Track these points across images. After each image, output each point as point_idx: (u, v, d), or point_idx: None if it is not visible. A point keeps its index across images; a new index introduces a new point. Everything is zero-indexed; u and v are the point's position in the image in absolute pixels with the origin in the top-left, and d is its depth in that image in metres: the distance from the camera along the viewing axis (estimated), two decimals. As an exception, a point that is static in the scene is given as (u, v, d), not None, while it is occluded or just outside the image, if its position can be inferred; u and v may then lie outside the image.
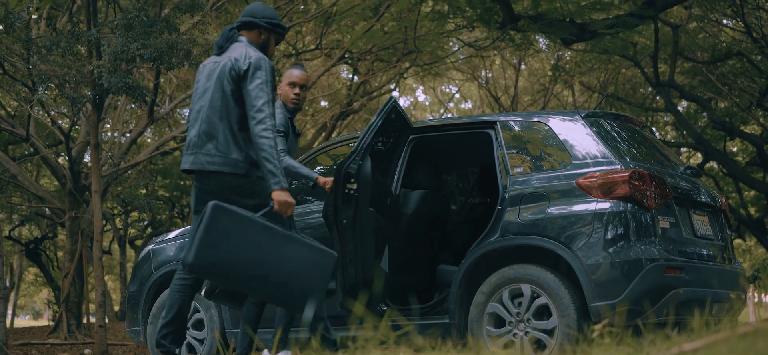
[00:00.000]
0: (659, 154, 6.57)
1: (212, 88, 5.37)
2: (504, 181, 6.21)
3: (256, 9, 5.63)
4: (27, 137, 14.80)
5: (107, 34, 11.31)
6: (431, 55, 20.07)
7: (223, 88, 5.32)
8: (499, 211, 6.10)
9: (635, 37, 17.61)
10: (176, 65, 10.91)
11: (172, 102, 17.63)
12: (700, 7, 16.97)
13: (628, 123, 6.72)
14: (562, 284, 5.74)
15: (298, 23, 17.94)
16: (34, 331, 19.00)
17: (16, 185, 17.27)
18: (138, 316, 7.58)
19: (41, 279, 35.97)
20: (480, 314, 5.97)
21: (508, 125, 6.45)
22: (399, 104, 6.54)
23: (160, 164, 24.72)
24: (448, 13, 17.15)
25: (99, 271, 11.46)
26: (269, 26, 5.60)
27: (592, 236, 5.72)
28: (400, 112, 6.52)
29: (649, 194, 5.80)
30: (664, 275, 5.69)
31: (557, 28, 13.79)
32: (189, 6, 11.34)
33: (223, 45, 5.50)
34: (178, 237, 7.69)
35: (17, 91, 13.16)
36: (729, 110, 21.10)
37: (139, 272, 7.71)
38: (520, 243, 5.96)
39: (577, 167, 5.99)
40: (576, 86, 24.69)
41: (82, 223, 15.61)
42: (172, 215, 28.15)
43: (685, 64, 19.98)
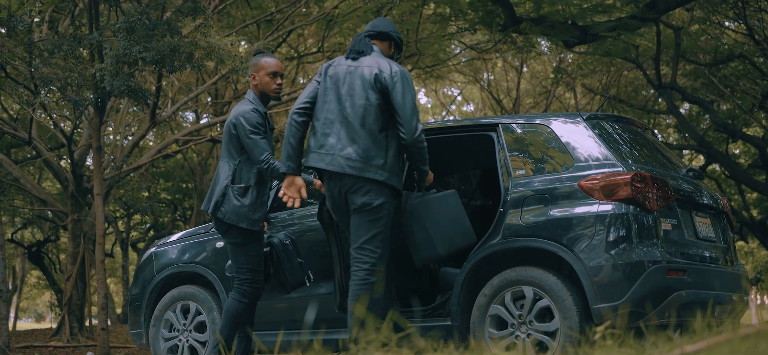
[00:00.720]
0: (661, 157, 6.56)
1: (355, 94, 5.60)
2: (506, 183, 6.21)
3: (386, 23, 5.95)
4: (29, 140, 14.81)
5: (109, 37, 11.32)
6: (433, 58, 20.07)
7: (367, 97, 5.56)
8: (501, 213, 6.10)
9: (637, 40, 17.61)
10: (178, 68, 10.92)
11: (174, 105, 17.64)
12: (702, 9, 16.97)
13: (630, 125, 6.71)
14: (564, 286, 5.74)
15: (300, 26, 17.95)
16: (36, 334, 19.01)
17: (19, 187, 17.28)
18: (140, 319, 7.58)
19: (43, 282, 35.99)
20: (482, 316, 5.96)
21: (510, 128, 6.45)
22: None
23: (163, 167, 24.75)
24: (449, 15, 17.16)
25: (101, 274, 11.47)
26: (399, 41, 5.96)
27: (595, 239, 5.71)
28: None
29: (651, 197, 5.79)
30: (666, 277, 5.68)
31: (559, 30, 13.80)
32: (191, 9, 11.35)
33: (361, 50, 5.74)
34: (180, 240, 7.70)
35: (19, 94, 13.18)
36: (731, 112, 21.10)
37: (142, 275, 7.72)
38: (523, 245, 5.96)
39: (580, 170, 5.99)
40: (578, 89, 24.68)
41: (84, 226, 15.62)
42: (174, 218, 28.18)
43: (687, 66, 19.97)
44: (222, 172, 6.19)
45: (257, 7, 17.49)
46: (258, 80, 6.28)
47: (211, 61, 14.25)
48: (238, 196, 6.08)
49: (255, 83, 6.30)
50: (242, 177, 6.13)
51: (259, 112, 6.15)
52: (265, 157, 6.00)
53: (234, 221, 6.06)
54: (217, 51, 11.32)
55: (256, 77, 6.29)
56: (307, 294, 6.61)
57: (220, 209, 6.09)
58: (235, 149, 6.15)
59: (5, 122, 15.06)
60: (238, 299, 6.15)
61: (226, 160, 6.18)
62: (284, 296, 6.75)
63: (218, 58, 11.62)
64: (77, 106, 11.29)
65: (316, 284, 6.57)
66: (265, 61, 6.30)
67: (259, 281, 6.23)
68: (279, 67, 6.35)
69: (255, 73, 6.29)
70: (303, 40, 20.79)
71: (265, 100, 6.34)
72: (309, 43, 20.98)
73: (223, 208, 6.08)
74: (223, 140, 6.27)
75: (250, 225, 6.07)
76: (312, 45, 20.80)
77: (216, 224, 6.22)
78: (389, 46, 5.92)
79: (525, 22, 14.02)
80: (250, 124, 6.04)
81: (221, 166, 6.22)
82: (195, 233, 7.64)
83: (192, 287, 7.38)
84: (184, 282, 7.53)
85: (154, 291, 7.57)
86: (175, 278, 7.57)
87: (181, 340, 7.30)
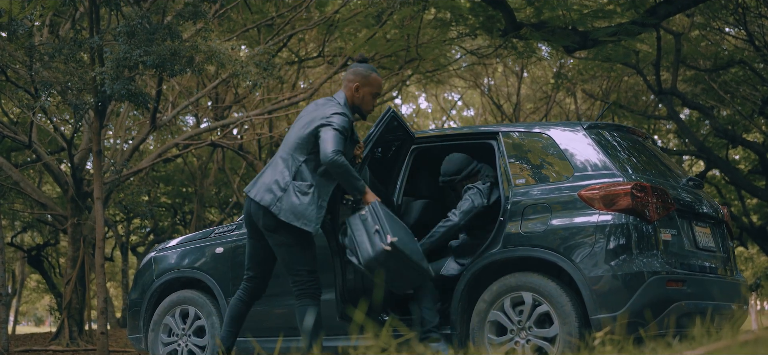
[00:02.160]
0: (661, 166, 6.56)
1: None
2: (506, 192, 6.21)
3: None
4: (29, 144, 14.81)
5: (110, 41, 11.32)
6: (434, 63, 20.08)
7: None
8: (501, 222, 6.10)
9: (637, 45, 17.63)
10: (179, 72, 10.91)
11: (175, 109, 17.65)
12: (702, 15, 16.98)
13: (630, 134, 6.71)
14: (564, 292, 5.74)
15: (301, 31, 17.96)
16: (35, 338, 19.00)
17: (19, 191, 17.28)
18: (140, 323, 7.58)
19: (43, 286, 35.97)
20: (482, 321, 5.97)
21: (510, 136, 6.45)
22: (399, 115, 6.54)
23: (163, 171, 24.76)
24: (450, 20, 17.17)
25: (101, 278, 11.47)
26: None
27: (594, 248, 5.71)
28: (401, 123, 6.52)
29: (651, 206, 5.79)
30: (665, 288, 5.68)
31: (559, 35, 13.80)
32: (191, 13, 11.35)
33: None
34: (179, 245, 7.70)
35: (20, 97, 13.18)
36: (731, 118, 21.10)
37: (141, 280, 7.72)
38: (522, 255, 5.96)
39: (579, 179, 5.99)
40: (578, 94, 24.69)
41: (84, 229, 15.62)
42: (174, 222, 28.17)
43: (688, 72, 19.99)
44: (280, 166, 5.88)
45: (258, 12, 17.50)
46: (361, 93, 6.04)
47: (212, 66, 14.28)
48: (299, 193, 5.79)
49: (356, 93, 6.04)
50: (305, 176, 5.83)
51: (349, 119, 5.90)
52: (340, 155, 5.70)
53: (290, 219, 5.74)
54: (217, 55, 11.32)
55: (360, 89, 6.04)
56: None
57: (275, 205, 5.77)
58: (306, 148, 5.86)
59: (5, 126, 15.06)
60: (312, 303, 5.81)
61: (290, 155, 5.88)
62: (283, 303, 6.74)
63: (219, 62, 11.62)
64: (77, 109, 11.27)
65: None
66: (375, 78, 6.08)
67: (318, 280, 5.93)
68: (381, 90, 6.28)
69: (360, 84, 6.03)
70: (304, 45, 20.80)
71: (352, 110, 6.09)
72: (310, 48, 20.99)
73: (280, 204, 5.77)
74: (292, 136, 5.95)
75: (304, 225, 5.73)
76: (313, 50, 20.81)
77: (265, 219, 5.83)
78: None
79: (525, 28, 14.03)
80: (340, 125, 5.76)
81: (280, 161, 5.91)
82: (195, 238, 7.64)
83: (191, 291, 7.38)
84: (184, 287, 7.53)
85: (153, 296, 7.57)
86: (175, 283, 7.57)
87: (180, 345, 7.30)
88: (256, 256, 6.10)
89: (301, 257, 5.84)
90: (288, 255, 5.85)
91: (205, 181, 24.14)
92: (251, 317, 6.96)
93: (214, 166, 24.55)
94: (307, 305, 5.81)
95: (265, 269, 6.13)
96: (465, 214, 6.31)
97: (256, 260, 6.11)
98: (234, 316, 6.13)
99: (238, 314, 6.13)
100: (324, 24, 17.64)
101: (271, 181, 5.86)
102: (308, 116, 5.96)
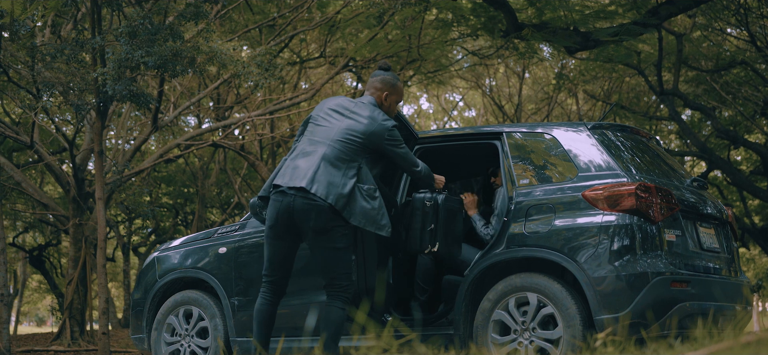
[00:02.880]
0: (665, 166, 6.55)
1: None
2: (510, 192, 6.21)
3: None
4: (31, 144, 14.82)
5: (111, 41, 11.33)
6: (435, 64, 20.09)
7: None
8: (505, 222, 6.10)
9: (639, 46, 17.63)
10: (180, 73, 10.92)
11: (176, 110, 17.65)
12: (704, 15, 16.97)
13: (634, 134, 6.70)
14: (568, 294, 5.73)
15: (303, 31, 17.97)
16: (37, 338, 19.01)
17: (20, 191, 17.29)
18: (142, 323, 7.58)
19: (45, 286, 36.00)
20: (486, 321, 5.96)
21: (514, 136, 6.45)
22: (402, 114, 6.55)
23: (164, 172, 24.77)
24: (452, 21, 17.17)
25: (102, 278, 11.47)
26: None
27: (598, 249, 5.70)
28: (405, 123, 6.53)
29: (655, 207, 5.78)
30: (670, 289, 5.67)
31: (561, 36, 13.80)
32: (193, 14, 11.36)
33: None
34: (183, 245, 7.69)
35: (22, 98, 13.19)
36: (733, 119, 21.09)
37: (144, 280, 7.72)
38: (526, 255, 5.95)
39: (583, 179, 5.98)
40: (580, 95, 24.69)
41: (85, 230, 15.62)
42: (175, 223, 28.18)
43: (689, 72, 19.98)
44: (335, 165, 5.72)
45: (259, 12, 17.51)
46: (389, 101, 6.16)
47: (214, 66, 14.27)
48: (367, 197, 5.72)
49: (384, 101, 6.15)
50: (368, 179, 5.79)
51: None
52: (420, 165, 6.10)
53: (362, 223, 5.66)
54: (219, 56, 11.33)
55: (388, 97, 6.15)
56: (308, 301, 6.60)
57: (346, 208, 5.63)
58: (358, 153, 5.81)
59: (7, 126, 15.07)
60: (342, 306, 5.71)
61: (344, 155, 5.75)
62: (285, 303, 6.75)
63: (220, 62, 11.63)
64: (79, 110, 11.29)
65: (318, 291, 6.54)
66: (401, 87, 6.26)
67: (353, 286, 5.90)
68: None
69: (389, 93, 6.16)
70: (305, 46, 20.81)
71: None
72: (311, 49, 20.99)
73: (350, 207, 5.65)
74: (340, 134, 5.84)
75: (378, 230, 5.71)
76: (314, 50, 20.82)
77: (319, 220, 5.62)
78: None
79: (527, 28, 14.03)
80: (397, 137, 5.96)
81: (334, 159, 5.73)
82: (198, 237, 7.64)
83: (194, 292, 7.38)
84: (187, 287, 7.53)
85: (156, 296, 7.57)
86: (178, 283, 7.57)
87: (183, 345, 7.30)
88: (278, 258, 5.84)
89: (346, 262, 5.73)
90: (334, 259, 5.70)
91: (207, 181, 24.14)
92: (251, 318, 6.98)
93: (216, 167, 24.56)
94: (339, 307, 5.71)
95: (286, 269, 5.90)
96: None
97: (278, 262, 5.84)
98: (265, 319, 5.85)
99: (269, 316, 5.87)
100: (325, 24, 17.65)
101: (328, 179, 5.66)
102: (357, 116, 5.93)
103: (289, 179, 5.70)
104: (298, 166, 5.75)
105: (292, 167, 5.76)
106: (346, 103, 6.06)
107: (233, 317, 7.06)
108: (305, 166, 5.73)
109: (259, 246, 7.00)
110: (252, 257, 7.05)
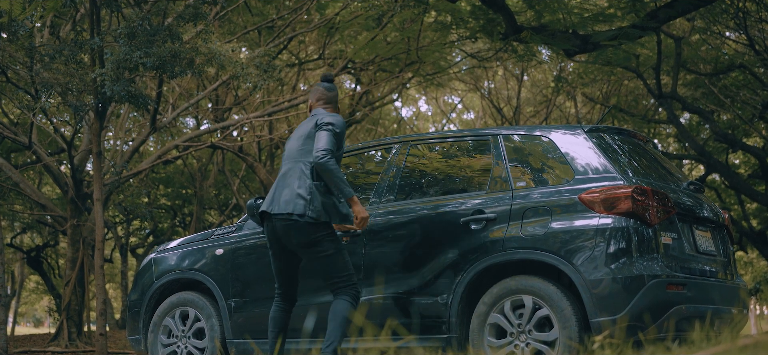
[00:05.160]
0: (662, 169, 6.56)
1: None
2: (507, 194, 6.21)
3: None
4: (29, 145, 14.82)
5: (110, 42, 11.33)
6: (434, 66, 20.09)
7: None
8: (503, 225, 6.09)
9: (638, 49, 17.63)
10: (179, 74, 10.92)
11: (175, 111, 17.65)
12: (703, 19, 16.99)
13: (631, 137, 6.70)
14: (564, 296, 5.73)
15: (302, 33, 17.97)
16: (34, 339, 19.00)
17: (18, 192, 17.29)
18: (139, 324, 7.58)
19: (42, 287, 36.01)
20: (481, 324, 5.96)
21: (511, 139, 6.45)
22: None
23: (162, 173, 24.76)
24: (451, 23, 17.18)
25: (100, 279, 11.47)
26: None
27: (595, 252, 5.71)
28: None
29: (651, 210, 5.78)
30: (666, 291, 5.67)
31: (560, 39, 13.80)
32: (192, 15, 11.36)
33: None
34: (179, 246, 7.69)
35: (20, 98, 13.19)
36: (731, 123, 21.11)
37: (141, 281, 7.72)
38: (523, 258, 5.95)
39: (580, 182, 5.98)
40: (578, 98, 24.71)
41: (83, 231, 15.61)
42: (173, 224, 28.17)
43: (688, 76, 20.00)
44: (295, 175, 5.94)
45: (258, 14, 17.51)
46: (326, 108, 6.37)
47: (212, 68, 14.28)
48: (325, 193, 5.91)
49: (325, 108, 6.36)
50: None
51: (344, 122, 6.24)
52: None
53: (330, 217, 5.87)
54: (217, 57, 11.33)
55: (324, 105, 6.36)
56: (306, 303, 6.60)
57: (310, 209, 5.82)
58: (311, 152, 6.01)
59: (6, 127, 15.07)
60: (349, 299, 5.85)
61: (298, 163, 5.99)
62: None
63: (219, 64, 11.63)
64: (78, 111, 11.28)
65: (316, 293, 6.55)
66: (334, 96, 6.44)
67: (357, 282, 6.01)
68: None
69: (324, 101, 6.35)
70: (304, 47, 20.82)
71: None
72: (310, 50, 21.00)
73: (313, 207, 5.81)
74: (294, 146, 6.06)
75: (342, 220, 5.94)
76: (313, 52, 20.82)
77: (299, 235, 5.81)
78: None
79: (526, 31, 14.03)
80: (338, 127, 6.01)
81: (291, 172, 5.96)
82: (195, 239, 7.64)
83: (191, 293, 7.38)
84: (183, 288, 7.54)
85: (153, 297, 7.57)
86: (175, 285, 7.57)
87: (179, 346, 7.30)
88: (284, 272, 6.12)
89: (342, 263, 5.89)
90: (329, 264, 5.88)
91: (205, 183, 24.14)
92: (251, 318, 6.98)
93: (214, 168, 24.55)
94: (346, 300, 5.84)
95: (292, 280, 6.15)
96: None
97: (285, 275, 6.12)
98: (282, 327, 6.10)
99: (283, 323, 6.12)
100: (324, 26, 17.65)
101: (292, 192, 5.86)
102: (305, 127, 6.11)
103: (267, 204, 5.98)
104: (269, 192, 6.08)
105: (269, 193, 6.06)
106: (300, 127, 6.23)
107: (230, 319, 7.06)
108: (271, 191, 6.05)
109: (256, 248, 7.02)
110: (249, 259, 7.06)
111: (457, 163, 6.81)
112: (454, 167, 6.81)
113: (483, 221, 6.14)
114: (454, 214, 6.29)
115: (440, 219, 6.33)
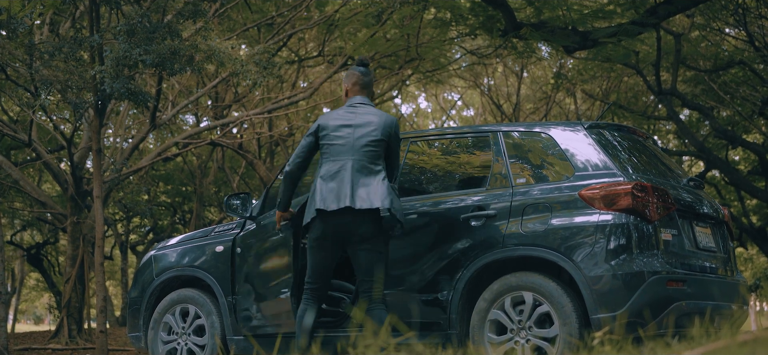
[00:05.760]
0: (662, 166, 6.56)
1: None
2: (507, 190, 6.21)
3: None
4: (29, 142, 14.81)
5: (110, 39, 11.33)
6: (433, 63, 20.09)
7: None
8: (504, 221, 6.09)
9: (637, 46, 17.63)
10: (178, 71, 10.92)
11: (174, 108, 17.65)
12: (702, 15, 16.98)
13: (631, 134, 6.70)
14: (564, 293, 5.73)
15: (301, 30, 17.97)
16: (35, 336, 19.01)
17: (18, 190, 17.30)
18: (139, 321, 7.59)
19: (42, 284, 36.00)
20: (482, 321, 5.97)
21: (510, 135, 6.45)
22: None
23: (162, 170, 24.76)
24: (450, 20, 17.17)
25: (100, 276, 11.47)
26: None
27: (595, 248, 5.71)
28: None
29: (651, 206, 5.78)
30: (666, 288, 5.68)
31: (559, 36, 13.79)
32: (191, 12, 11.36)
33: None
34: (179, 243, 7.70)
35: (20, 96, 13.18)
36: (731, 119, 21.10)
37: (141, 278, 7.73)
38: (523, 254, 5.96)
39: (580, 178, 5.98)
40: (578, 94, 24.69)
41: (83, 228, 15.62)
42: (173, 221, 28.17)
43: (688, 72, 19.99)
44: (372, 172, 5.93)
45: (258, 11, 17.51)
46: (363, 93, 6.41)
47: (212, 65, 14.27)
48: (397, 195, 5.99)
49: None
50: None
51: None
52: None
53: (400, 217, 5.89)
54: (217, 54, 11.33)
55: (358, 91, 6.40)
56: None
57: (393, 206, 5.84)
58: (380, 156, 6.03)
59: (5, 124, 15.06)
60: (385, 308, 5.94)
61: (373, 162, 5.96)
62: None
63: (219, 61, 11.63)
64: (77, 108, 11.28)
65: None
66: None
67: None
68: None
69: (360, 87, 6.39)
70: (304, 44, 20.81)
71: None
72: (310, 47, 20.99)
73: (394, 205, 5.84)
74: (364, 141, 5.98)
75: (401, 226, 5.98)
76: (312, 49, 20.82)
77: (375, 227, 5.83)
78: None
79: (525, 28, 14.03)
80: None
81: (368, 167, 5.93)
82: (195, 236, 7.64)
83: (191, 290, 7.39)
84: (184, 285, 7.54)
85: (153, 294, 7.58)
86: (175, 282, 7.58)
87: (179, 343, 7.31)
88: (322, 268, 6.00)
89: (385, 266, 5.97)
90: (378, 262, 5.90)
91: (205, 180, 24.14)
92: (251, 319, 6.98)
93: (214, 166, 24.55)
94: (383, 310, 5.89)
95: (328, 278, 6.07)
96: None
97: (321, 272, 6.00)
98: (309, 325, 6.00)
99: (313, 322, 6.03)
100: (324, 23, 17.65)
101: (378, 188, 5.86)
102: (374, 123, 6.04)
103: (332, 201, 5.82)
104: (332, 188, 5.86)
105: (328, 190, 5.86)
106: (348, 115, 6.10)
107: (230, 316, 7.07)
108: (341, 185, 5.86)
109: (256, 245, 7.02)
110: (250, 256, 7.06)
111: (457, 160, 6.81)
112: (454, 164, 6.81)
113: (483, 217, 6.14)
114: (454, 210, 6.29)
115: (440, 216, 6.33)
